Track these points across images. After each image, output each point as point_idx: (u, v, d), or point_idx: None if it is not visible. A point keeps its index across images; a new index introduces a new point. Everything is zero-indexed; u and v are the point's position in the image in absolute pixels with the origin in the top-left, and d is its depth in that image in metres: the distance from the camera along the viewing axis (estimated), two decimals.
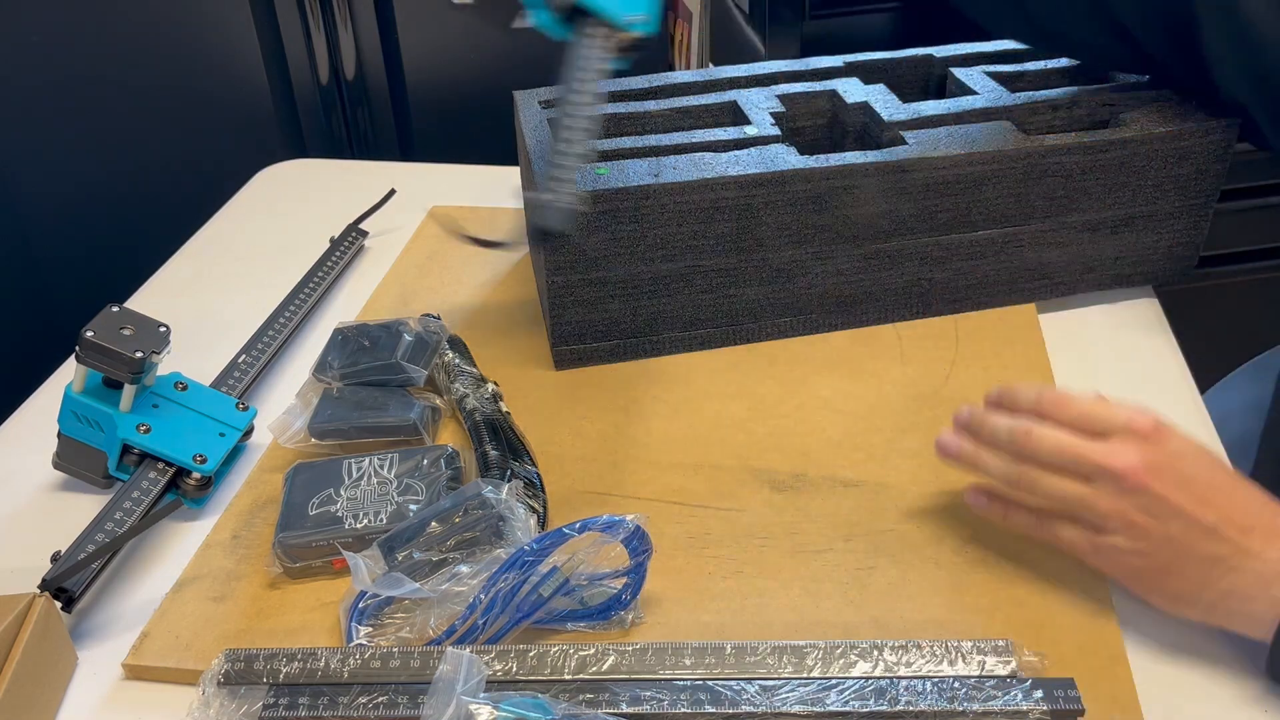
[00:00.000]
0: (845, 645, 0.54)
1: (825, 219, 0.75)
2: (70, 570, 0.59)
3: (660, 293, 0.77)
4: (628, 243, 0.74)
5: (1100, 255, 0.82)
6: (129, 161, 1.39)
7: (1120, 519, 0.54)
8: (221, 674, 0.54)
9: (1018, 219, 0.78)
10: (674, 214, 0.73)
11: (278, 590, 0.62)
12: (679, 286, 0.77)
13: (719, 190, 0.73)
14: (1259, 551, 0.53)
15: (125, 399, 0.67)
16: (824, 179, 0.74)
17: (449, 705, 0.49)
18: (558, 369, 0.79)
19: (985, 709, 0.50)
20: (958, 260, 0.79)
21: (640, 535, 0.56)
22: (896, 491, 0.67)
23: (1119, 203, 0.79)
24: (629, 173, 0.73)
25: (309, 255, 0.92)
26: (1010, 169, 0.76)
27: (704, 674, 0.53)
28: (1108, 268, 0.83)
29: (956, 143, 0.76)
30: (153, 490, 0.66)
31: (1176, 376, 0.77)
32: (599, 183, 0.72)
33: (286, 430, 0.70)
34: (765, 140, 0.78)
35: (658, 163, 0.74)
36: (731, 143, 0.78)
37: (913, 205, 0.76)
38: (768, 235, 0.75)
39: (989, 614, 0.58)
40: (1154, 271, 0.84)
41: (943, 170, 0.75)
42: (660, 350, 0.80)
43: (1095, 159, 0.77)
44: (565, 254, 0.73)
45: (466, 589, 0.56)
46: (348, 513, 0.63)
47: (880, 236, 0.77)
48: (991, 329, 0.81)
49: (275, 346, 0.82)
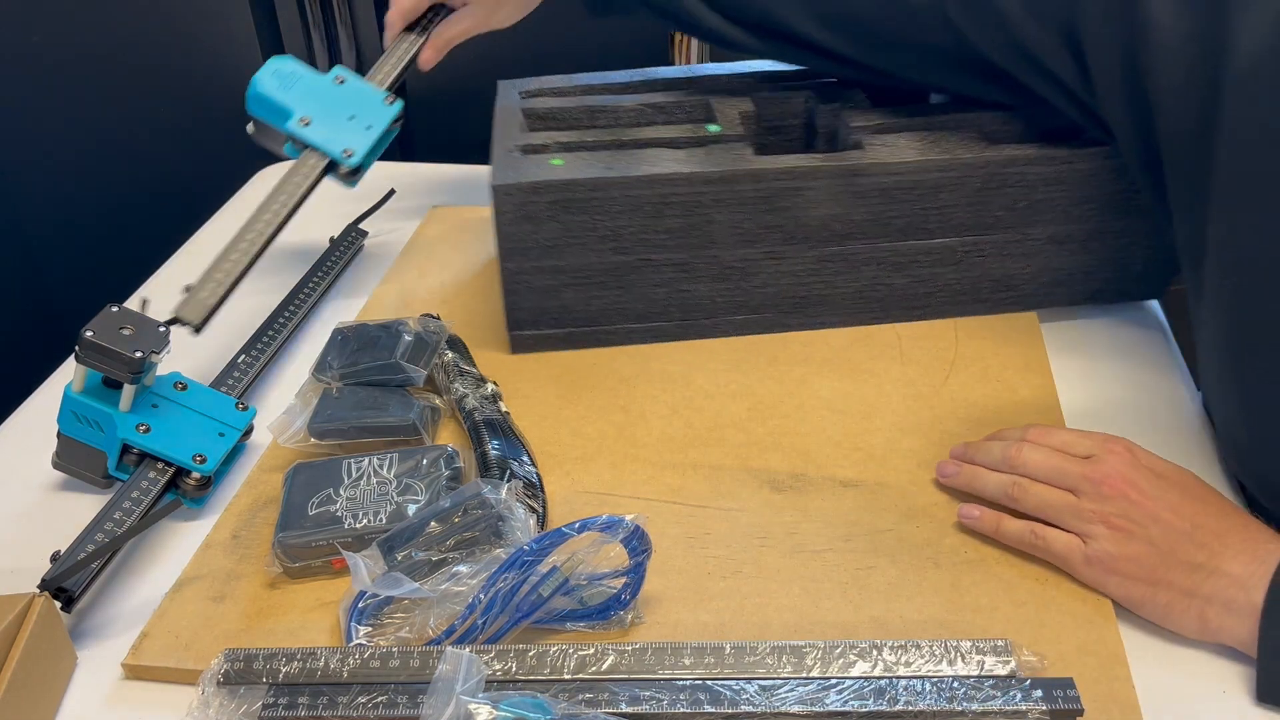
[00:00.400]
0: (844, 645, 0.54)
1: (777, 219, 0.76)
2: (70, 570, 0.59)
3: (612, 284, 0.78)
4: (579, 233, 0.75)
5: (1069, 269, 0.81)
6: (129, 161, 1.39)
7: (1104, 523, 0.57)
8: (221, 674, 0.54)
9: (978, 228, 0.78)
10: (624, 206, 0.74)
11: (277, 590, 0.62)
12: (632, 279, 0.78)
13: (669, 186, 0.73)
14: (1234, 555, 0.55)
15: (125, 399, 0.67)
16: (774, 179, 0.74)
17: (448, 705, 0.49)
18: (514, 353, 0.80)
19: (984, 709, 0.50)
20: (916, 267, 0.79)
21: (640, 535, 0.56)
22: (896, 491, 0.67)
23: (1086, 216, 0.78)
24: (582, 165, 0.74)
25: (308, 255, 0.92)
26: (968, 177, 0.75)
27: (703, 674, 0.53)
28: (1078, 283, 0.81)
29: (913, 149, 0.75)
30: (152, 490, 0.66)
31: (1175, 378, 0.77)
32: (552, 172, 0.73)
33: (286, 430, 0.70)
34: (727, 139, 0.79)
35: (613, 156, 0.76)
36: (692, 140, 0.78)
37: (866, 210, 0.76)
38: (719, 233, 0.76)
39: (988, 614, 0.58)
40: (1129, 289, 0.83)
41: (896, 176, 0.74)
42: (614, 341, 0.81)
43: (1058, 170, 0.75)
44: (519, 240, 0.75)
45: (466, 589, 0.56)
46: (347, 512, 0.63)
47: (834, 240, 0.77)
48: (991, 329, 0.81)
49: (275, 346, 0.82)
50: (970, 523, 0.62)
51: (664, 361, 0.79)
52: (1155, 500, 0.57)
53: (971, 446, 0.66)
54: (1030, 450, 0.62)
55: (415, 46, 0.88)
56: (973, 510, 0.62)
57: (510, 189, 0.73)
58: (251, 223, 0.76)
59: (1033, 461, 0.61)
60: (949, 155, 0.74)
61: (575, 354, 0.80)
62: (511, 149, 0.78)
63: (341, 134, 0.80)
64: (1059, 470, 0.60)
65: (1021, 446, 0.62)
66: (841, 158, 0.75)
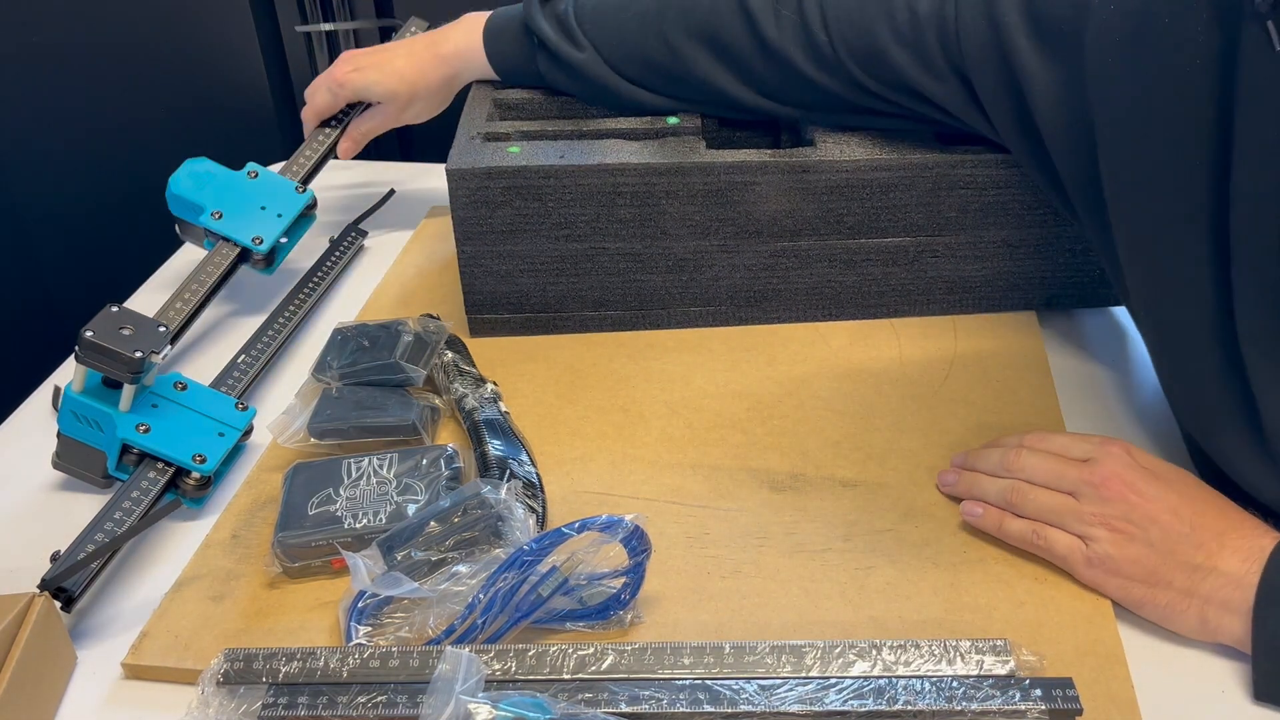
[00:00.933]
0: (844, 645, 0.54)
1: (728, 213, 0.76)
2: (69, 570, 0.59)
3: (567, 271, 0.79)
4: (534, 220, 0.76)
5: (1024, 274, 0.80)
6: (129, 161, 1.39)
7: (1105, 526, 0.57)
8: (221, 673, 0.54)
9: (930, 229, 0.78)
10: (576, 195, 0.75)
11: (277, 590, 0.62)
12: (587, 267, 0.79)
13: (619, 175, 0.75)
14: (1231, 553, 0.55)
15: (124, 399, 0.67)
16: (725, 173, 0.75)
17: (448, 705, 0.49)
18: (473, 336, 0.82)
19: (983, 708, 0.50)
20: (868, 265, 0.79)
21: (639, 535, 0.56)
22: (895, 491, 0.67)
23: (1039, 221, 0.78)
24: (538, 153, 0.76)
25: (308, 255, 0.92)
26: (919, 178, 0.75)
27: (703, 673, 0.53)
28: (1034, 287, 0.81)
29: (863, 148, 0.76)
30: (152, 490, 0.66)
31: None
32: (507, 159, 0.75)
33: (286, 430, 0.70)
34: (682, 132, 0.80)
35: (569, 145, 0.77)
36: (650, 132, 0.79)
37: (816, 206, 0.76)
38: (670, 225, 0.77)
39: (987, 613, 0.58)
40: (1087, 295, 0.82)
41: (845, 174, 0.75)
42: (570, 328, 0.82)
43: (1008, 174, 0.75)
44: (474, 225, 0.76)
45: (465, 589, 0.56)
46: (347, 512, 0.63)
47: (785, 235, 0.78)
48: (991, 329, 0.81)
49: (275, 346, 0.82)
50: (973, 520, 0.62)
51: (664, 361, 0.79)
52: (1154, 502, 0.57)
53: (971, 454, 0.66)
54: (1028, 455, 0.62)
55: (331, 139, 0.93)
56: (975, 508, 0.62)
57: (465, 174, 0.75)
58: (164, 310, 0.78)
59: (1030, 466, 0.61)
60: (898, 155, 0.75)
61: (576, 355, 0.80)
62: (474, 136, 0.79)
63: (252, 224, 0.85)
64: (1057, 474, 0.60)
65: (1020, 452, 0.62)
66: (791, 154, 0.75)
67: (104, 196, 1.42)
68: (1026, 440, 0.64)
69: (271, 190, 0.88)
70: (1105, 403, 0.74)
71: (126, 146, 1.39)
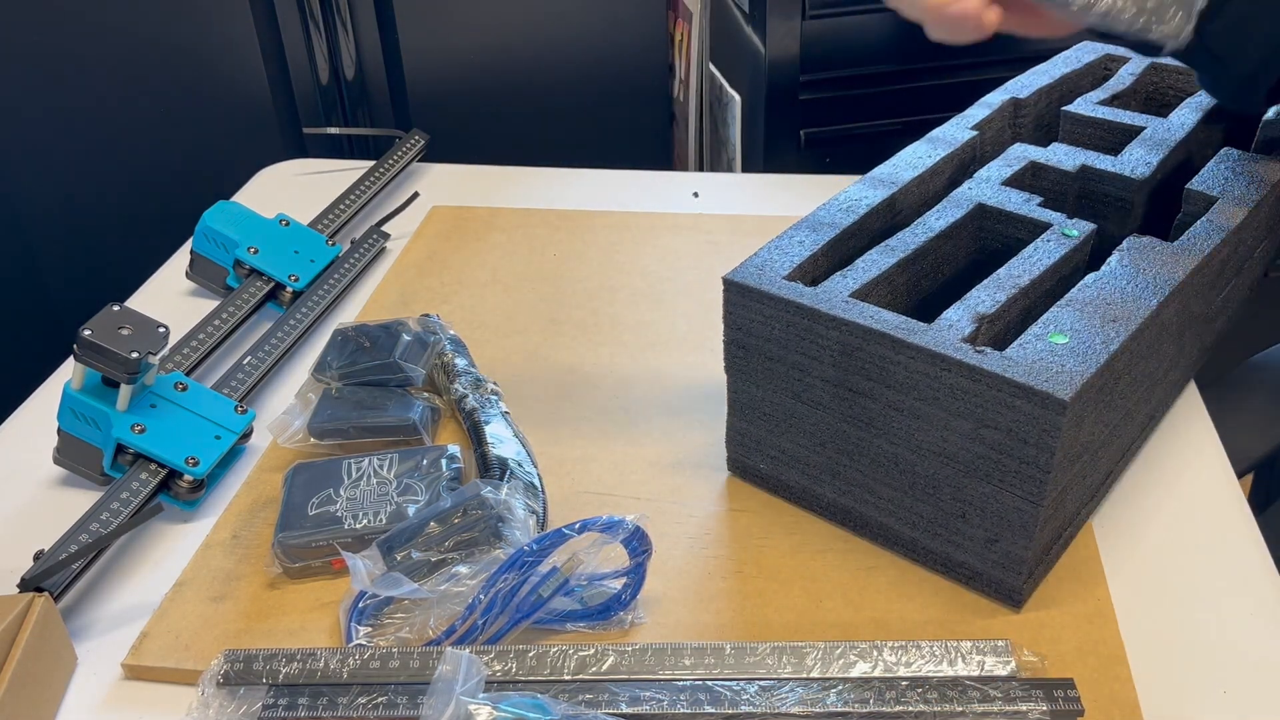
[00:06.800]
0: (845, 645, 0.54)
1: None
2: (49, 570, 0.59)
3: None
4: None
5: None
6: (129, 161, 1.39)
7: None
8: (221, 674, 0.54)
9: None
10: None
11: (277, 590, 0.62)
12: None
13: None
14: None
15: (122, 398, 0.67)
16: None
17: (448, 705, 0.49)
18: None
19: (985, 709, 0.50)
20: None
21: (640, 535, 0.56)
22: None
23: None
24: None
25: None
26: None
27: (703, 674, 0.53)
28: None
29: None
30: (143, 491, 0.65)
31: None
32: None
33: (286, 430, 0.70)
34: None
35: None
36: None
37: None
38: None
39: (988, 614, 0.58)
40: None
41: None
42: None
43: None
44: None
45: (466, 589, 0.56)
46: (347, 513, 0.63)
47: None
48: None
49: (284, 348, 0.81)
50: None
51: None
52: None
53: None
54: None
55: (361, 200, 0.95)
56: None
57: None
58: (183, 343, 0.78)
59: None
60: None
61: (575, 354, 0.80)
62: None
63: (287, 264, 0.87)
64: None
65: None
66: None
67: (104, 196, 1.42)
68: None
69: (302, 239, 0.90)
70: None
71: (126, 146, 1.39)
